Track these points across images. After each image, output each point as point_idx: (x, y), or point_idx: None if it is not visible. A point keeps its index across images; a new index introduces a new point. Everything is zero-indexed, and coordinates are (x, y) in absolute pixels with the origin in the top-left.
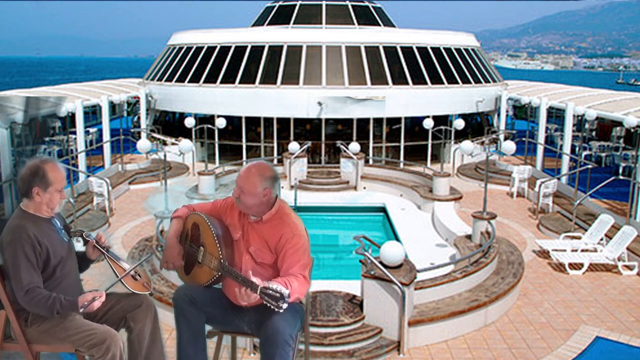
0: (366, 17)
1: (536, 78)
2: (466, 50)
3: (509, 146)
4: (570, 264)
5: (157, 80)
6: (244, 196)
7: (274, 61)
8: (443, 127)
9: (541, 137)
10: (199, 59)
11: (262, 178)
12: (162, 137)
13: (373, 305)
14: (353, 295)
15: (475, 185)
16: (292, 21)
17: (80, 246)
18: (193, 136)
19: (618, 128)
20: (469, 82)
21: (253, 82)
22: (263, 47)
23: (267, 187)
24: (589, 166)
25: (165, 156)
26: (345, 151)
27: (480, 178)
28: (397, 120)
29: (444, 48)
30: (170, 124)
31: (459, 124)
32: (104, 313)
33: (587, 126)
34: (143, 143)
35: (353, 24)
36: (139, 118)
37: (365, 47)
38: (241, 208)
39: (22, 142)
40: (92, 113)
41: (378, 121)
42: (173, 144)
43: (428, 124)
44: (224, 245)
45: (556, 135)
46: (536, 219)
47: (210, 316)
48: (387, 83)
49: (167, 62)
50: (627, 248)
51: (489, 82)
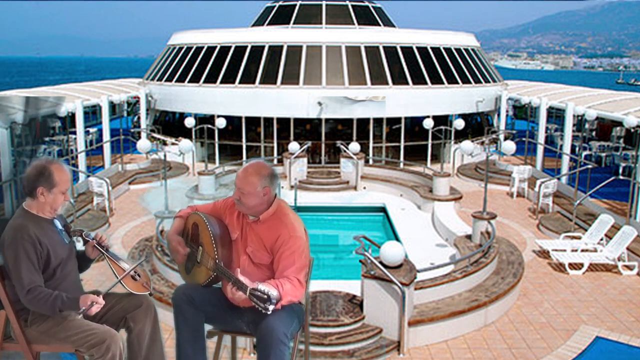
0: (366, 17)
1: (536, 78)
2: (466, 50)
3: (509, 146)
4: (570, 264)
5: (157, 80)
6: (245, 197)
7: (274, 61)
8: (443, 127)
9: (541, 137)
10: (199, 59)
11: (260, 177)
12: (162, 137)
13: (373, 305)
14: (353, 295)
15: (475, 185)
16: (292, 21)
17: (79, 246)
18: (193, 136)
19: (618, 128)
20: (469, 82)
21: (253, 82)
22: (263, 47)
23: (266, 186)
24: (589, 166)
25: (165, 156)
26: (345, 151)
27: (480, 178)
28: (397, 120)
29: (444, 48)
30: (170, 124)
31: (459, 124)
32: (104, 313)
33: (587, 126)
34: (143, 143)
35: (353, 24)
36: (139, 118)
37: (365, 47)
38: (243, 210)
39: (22, 142)
40: (92, 113)
41: (378, 121)
42: (173, 144)
43: (428, 124)
44: (220, 245)
45: (556, 135)
46: (536, 219)
47: (209, 316)
48: (387, 83)
49: (167, 62)
50: (627, 248)
51: (489, 82)
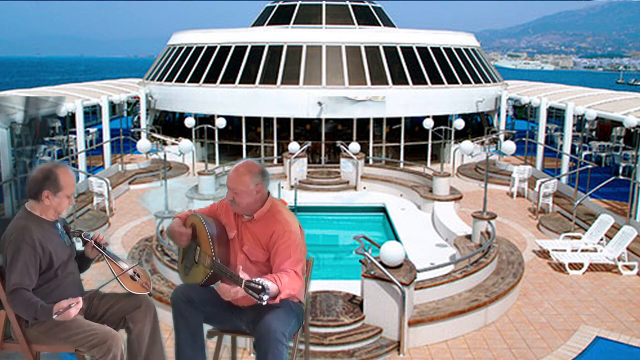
0: (366, 17)
1: (536, 78)
2: (466, 50)
3: (509, 146)
4: (570, 264)
5: (157, 80)
6: (238, 196)
7: (274, 61)
8: (443, 127)
9: (541, 137)
10: (199, 59)
11: (252, 175)
12: (162, 137)
13: (373, 305)
14: (353, 295)
15: (475, 185)
16: (292, 21)
17: (79, 246)
18: (193, 136)
19: (618, 128)
20: (469, 82)
21: (253, 82)
22: (263, 47)
23: (258, 183)
24: (589, 166)
25: (165, 156)
26: (345, 151)
27: (480, 178)
28: (397, 120)
29: (444, 48)
30: (170, 124)
31: (459, 124)
32: (103, 313)
33: (587, 126)
34: (143, 143)
35: (353, 24)
36: (139, 118)
37: (365, 47)
38: (237, 210)
39: (22, 142)
40: (92, 113)
41: (378, 121)
42: (173, 144)
43: (428, 124)
44: (217, 243)
45: (556, 135)
46: (536, 219)
47: (208, 315)
48: (387, 83)
49: (167, 62)
50: (627, 248)
51: (489, 82)
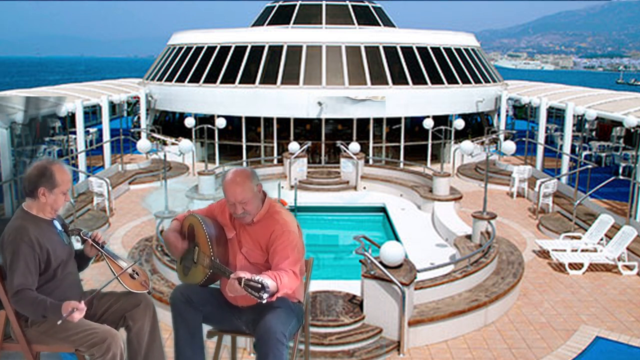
0: (366, 17)
1: (536, 78)
2: (466, 50)
3: (509, 146)
4: (570, 264)
5: (157, 80)
6: (249, 205)
7: (274, 61)
8: (443, 127)
9: (541, 137)
10: (199, 59)
11: (250, 178)
12: (162, 137)
13: (373, 305)
14: (353, 295)
15: (475, 185)
16: (292, 21)
17: (78, 245)
18: (193, 136)
19: (618, 128)
20: (469, 82)
21: (253, 82)
22: (263, 47)
23: (258, 183)
24: (589, 166)
25: (165, 156)
26: (345, 151)
27: (480, 178)
28: (397, 120)
29: (444, 48)
30: (170, 124)
31: (459, 124)
32: (103, 312)
33: (587, 126)
34: (143, 143)
35: (353, 24)
36: (139, 118)
37: (365, 47)
38: (248, 219)
39: (22, 142)
40: (92, 113)
41: (378, 121)
42: (173, 144)
43: (428, 124)
44: (216, 243)
45: (556, 135)
46: (536, 219)
47: (207, 316)
48: (387, 83)
49: (167, 62)
50: (627, 248)
51: (489, 82)
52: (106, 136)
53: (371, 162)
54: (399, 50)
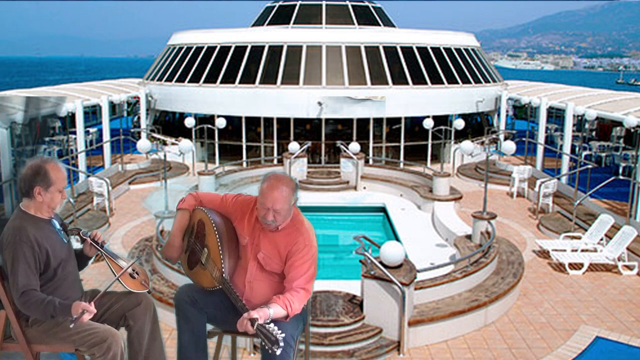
0: (366, 17)
1: (536, 78)
2: (466, 50)
3: (509, 146)
4: (570, 264)
5: (157, 80)
6: (280, 215)
7: (274, 61)
8: (443, 127)
9: (541, 137)
10: (199, 59)
11: (294, 192)
12: (162, 137)
13: (373, 305)
14: (353, 295)
15: (475, 185)
16: (292, 21)
17: (77, 245)
18: (193, 136)
19: (618, 128)
20: (469, 82)
21: (253, 82)
22: (263, 47)
23: (296, 197)
24: (589, 166)
25: (165, 156)
26: (345, 151)
27: (480, 178)
28: (397, 120)
29: (444, 48)
30: (170, 124)
31: (459, 124)
32: (103, 312)
33: (587, 126)
34: (143, 143)
35: (353, 24)
36: (139, 118)
37: (365, 47)
38: (271, 227)
39: (22, 142)
40: (92, 113)
41: (378, 121)
42: (173, 144)
43: (428, 124)
44: (228, 255)
45: (556, 135)
46: (536, 219)
47: (211, 317)
48: (387, 83)
49: (167, 62)
50: (627, 248)
51: (489, 82)
52: (106, 136)
53: (371, 162)
54: (399, 50)
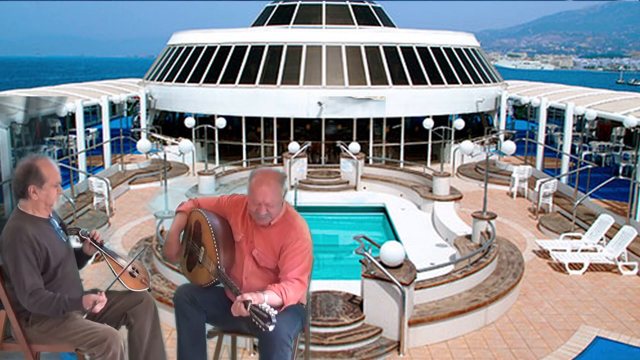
0: (366, 17)
1: (536, 78)
2: (466, 50)
3: (509, 146)
4: (570, 264)
5: (157, 80)
6: (273, 208)
7: (274, 61)
8: (443, 127)
9: (541, 137)
10: (199, 59)
11: (282, 183)
12: (162, 137)
13: (373, 305)
14: (353, 295)
15: (475, 185)
16: (292, 21)
17: (76, 244)
18: (193, 136)
19: (618, 128)
20: (469, 82)
21: (253, 82)
22: (263, 47)
23: (286, 189)
24: (589, 166)
25: (165, 156)
26: (345, 151)
27: (480, 178)
28: (397, 120)
29: (444, 48)
30: (170, 124)
31: (459, 124)
32: (105, 311)
33: (587, 126)
34: (143, 143)
35: (353, 24)
36: (139, 118)
37: (365, 47)
38: (266, 222)
39: (22, 142)
40: (92, 113)
41: (378, 121)
42: (173, 144)
43: (428, 124)
44: (223, 250)
45: (556, 135)
46: (536, 219)
47: (210, 316)
48: (387, 83)
49: (167, 62)
50: (627, 248)
51: (489, 82)
52: (106, 136)
53: (371, 162)
54: (399, 50)
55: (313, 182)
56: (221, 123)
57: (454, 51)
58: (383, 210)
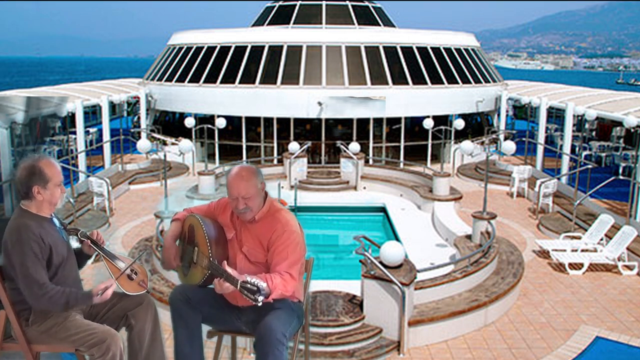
0: (366, 17)
1: (536, 78)
2: (466, 50)
3: (509, 146)
4: (570, 264)
5: (157, 80)
6: (251, 201)
7: (274, 61)
8: (443, 127)
9: (541, 137)
10: (199, 59)
11: (256, 175)
12: (162, 137)
13: (373, 305)
14: (353, 295)
15: (475, 185)
16: (292, 21)
17: (75, 245)
18: (193, 136)
19: (618, 128)
20: (469, 82)
21: (253, 82)
22: (263, 47)
23: (262, 181)
24: (589, 166)
25: (165, 156)
26: (345, 151)
27: (480, 178)
28: (397, 120)
29: (444, 48)
30: (170, 124)
31: (459, 124)
32: (106, 311)
33: (587, 126)
34: (143, 143)
35: (353, 24)
36: (139, 118)
37: (365, 47)
38: (249, 216)
39: (22, 142)
40: (92, 113)
41: (378, 121)
42: (173, 144)
43: (428, 124)
44: (214, 244)
45: (556, 135)
46: (536, 219)
47: (206, 315)
48: (387, 83)
49: (167, 62)
50: (627, 248)
51: (489, 82)
52: (106, 136)
53: (371, 162)
54: (399, 50)
55: (313, 182)
56: (221, 123)
57: (454, 51)
58: (383, 210)
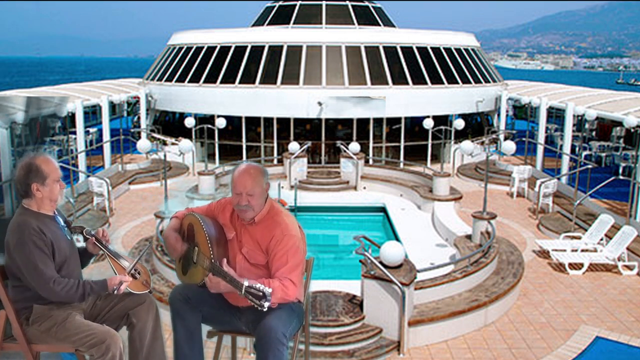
0: (366, 17)
1: (536, 78)
2: (466, 50)
3: (509, 146)
4: (570, 264)
5: (157, 80)
6: (254, 199)
7: (274, 61)
8: (443, 127)
9: (541, 137)
10: (199, 59)
11: (263, 175)
12: (162, 137)
13: (373, 305)
14: (353, 295)
15: (475, 185)
16: (292, 21)
17: (79, 243)
18: (193, 136)
19: (618, 128)
20: (469, 82)
21: (253, 82)
22: (263, 47)
23: (267, 182)
24: (589, 166)
25: (165, 156)
26: (345, 151)
27: (480, 178)
28: (397, 120)
29: (444, 48)
30: (170, 124)
31: (459, 124)
32: (107, 310)
33: (587, 126)
34: (143, 143)
35: (353, 24)
36: (139, 118)
37: (365, 47)
38: (250, 215)
39: (22, 142)
40: (92, 113)
41: (378, 121)
42: (173, 144)
43: (428, 124)
44: (216, 244)
45: (556, 135)
46: (536, 219)
47: (206, 315)
48: (387, 83)
49: (167, 62)
50: (627, 248)
51: (489, 82)
52: (106, 136)
53: (371, 162)
54: (399, 50)
55: (313, 182)
56: (221, 123)
57: (454, 51)
58: (383, 210)
